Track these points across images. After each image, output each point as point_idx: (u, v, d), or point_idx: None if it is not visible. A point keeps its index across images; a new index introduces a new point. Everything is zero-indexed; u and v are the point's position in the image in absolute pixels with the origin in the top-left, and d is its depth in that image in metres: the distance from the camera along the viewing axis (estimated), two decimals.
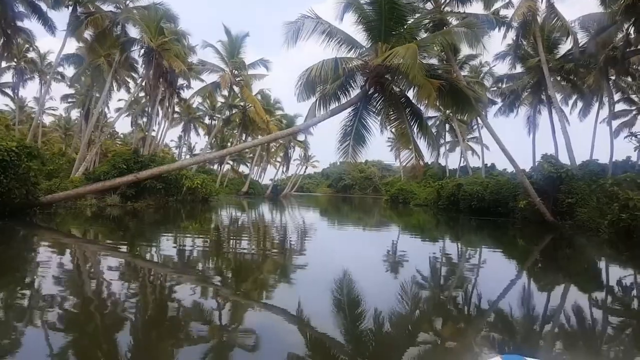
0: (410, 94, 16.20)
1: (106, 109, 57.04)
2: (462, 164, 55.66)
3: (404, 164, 14.93)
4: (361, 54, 15.94)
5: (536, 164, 28.49)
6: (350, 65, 15.38)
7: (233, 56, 31.79)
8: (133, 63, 32.35)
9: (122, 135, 71.51)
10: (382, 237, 19.26)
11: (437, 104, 14.34)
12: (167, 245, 13.02)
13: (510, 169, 46.67)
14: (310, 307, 6.35)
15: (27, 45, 41.80)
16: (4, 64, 42.12)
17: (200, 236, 15.18)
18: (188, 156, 72.20)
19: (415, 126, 15.47)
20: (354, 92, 16.30)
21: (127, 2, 27.44)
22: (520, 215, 24.65)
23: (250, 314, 6.45)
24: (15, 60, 42.06)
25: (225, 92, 35.78)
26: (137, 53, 29.17)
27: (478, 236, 20.89)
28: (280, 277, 9.34)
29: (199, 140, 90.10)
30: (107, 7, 27.11)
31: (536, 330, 6.18)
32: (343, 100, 16.24)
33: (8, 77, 44.36)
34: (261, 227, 20.67)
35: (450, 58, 17.93)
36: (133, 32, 27.74)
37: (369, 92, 16.00)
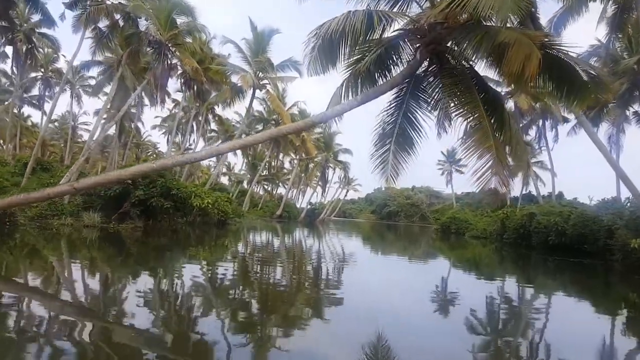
0: (486, 72, 10.65)
1: (140, 125, 55.62)
2: (524, 191, 48.64)
3: (479, 183, 8.88)
4: (412, 19, 10.57)
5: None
6: (391, 29, 10.15)
7: (257, 55, 27.08)
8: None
9: (163, 154, 69.87)
10: (440, 284, 13.23)
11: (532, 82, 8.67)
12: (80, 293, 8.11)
13: (582, 197, 39.21)
14: None
15: (54, 55, 40.25)
16: (30, 75, 41.22)
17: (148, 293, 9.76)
18: (226, 178, 68.87)
19: (493, 120, 9.79)
20: (396, 71, 10.93)
21: None
22: (621, 257, 18.54)
23: None
24: (42, 70, 40.63)
25: (248, 99, 31.08)
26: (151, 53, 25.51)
27: (580, 291, 14.45)
28: None
29: (237, 160, 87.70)
30: None
31: None
32: (380, 82, 10.92)
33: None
34: (267, 270, 14.86)
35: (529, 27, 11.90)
36: (144, 27, 24.24)
37: (419, 70, 10.59)
